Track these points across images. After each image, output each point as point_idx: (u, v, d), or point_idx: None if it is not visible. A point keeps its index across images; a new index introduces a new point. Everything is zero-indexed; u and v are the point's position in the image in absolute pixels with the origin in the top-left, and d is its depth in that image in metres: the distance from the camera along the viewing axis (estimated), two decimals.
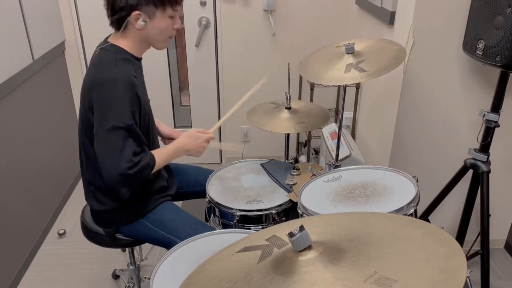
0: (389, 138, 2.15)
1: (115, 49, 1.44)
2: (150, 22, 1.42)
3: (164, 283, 1.22)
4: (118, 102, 1.36)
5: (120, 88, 1.36)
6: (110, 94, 1.36)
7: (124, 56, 1.44)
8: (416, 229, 0.81)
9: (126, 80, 1.38)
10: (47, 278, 2.29)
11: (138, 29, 1.42)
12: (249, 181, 1.76)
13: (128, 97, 1.37)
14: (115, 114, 1.35)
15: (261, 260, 0.81)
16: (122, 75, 1.38)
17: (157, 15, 1.42)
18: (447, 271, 0.66)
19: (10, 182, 2.21)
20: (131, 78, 1.39)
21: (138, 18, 1.40)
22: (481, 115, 1.77)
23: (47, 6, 2.61)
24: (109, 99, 1.36)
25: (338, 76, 1.60)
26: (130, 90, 1.38)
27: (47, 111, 2.64)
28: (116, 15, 1.41)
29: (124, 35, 1.45)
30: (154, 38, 1.47)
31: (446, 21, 1.86)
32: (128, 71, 1.40)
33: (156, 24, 1.43)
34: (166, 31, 1.47)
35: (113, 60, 1.40)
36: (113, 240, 1.63)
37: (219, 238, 1.40)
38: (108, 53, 1.43)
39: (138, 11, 1.39)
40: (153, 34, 1.45)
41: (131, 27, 1.43)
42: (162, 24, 1.44)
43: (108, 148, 1.36)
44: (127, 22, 1.41)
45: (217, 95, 3.15)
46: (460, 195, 2.06)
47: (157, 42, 1.49)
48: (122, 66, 1.40)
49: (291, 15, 2.94)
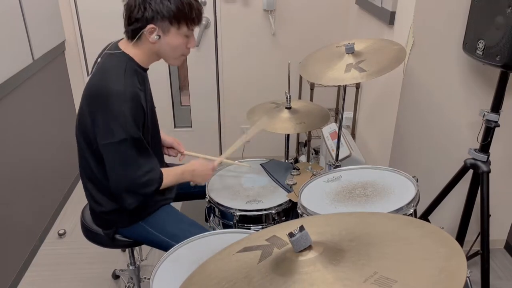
0: (389, 138, 2.15)
1: (125, 57, 1.43)
2: (163, 37, 1.42)
3: (164, 283, 1.22)
4: (126, 116, 1.36)
5: (127, 102, 1.36)
6: (117, 107, 1.36)
7: (133, 66, 1.44)
8: (416, 229, 0.80)
9: (133, 94, 1.38)
10: (47, 278, 2.29)
11: (151, 42, 1.42)
12: (249, 181, 1.76)
13: (134, 110, 1.38)
14: (123, 127, 1.36)
15: (261, 260, 0.81)
16: (130, 88, 1.38)
17: (172, 32, 1.42)
18: (447, 271, 0.66)
19: (10, 182, 2.21)
20: (136, 91, 1.40)
21: (152, 32, 1.40)
22: (481, 115, 1.77)
23: (47, 6, 2.61)
24: (117, 112, 1.36)
25: (338, 76, 1.60)
26: (136, 103, 1.39)
27: (47, 111, 2.64)
28: (131, 25, 1.41)
29: (136, 45, 1.45)
30: (166, 53, 1.47)
31: (446, 21, 1.86)
32: (135, 83, 1.41)
33: (169, 40, 1.43)
34: (179, 49, 1.47)
35: (122, 69, 1.40)
36: (112, 241, 1.63)
37: (219, 238, 1.40)
38: (118, 61, 1.42)
39: (153, 25, 1.39)
40: (165, 50, 1.45)
41: (144, 39, 1.43)
42: (176, 42, 1.44)
43: (118, 160, 1.39)
44: (141, 34, 1.41)
45: (217, 95, 3.14)
46: (460, 195, 2.06)
47: (169, 58, 1.49)
48: (130, 78, 1.40)
49: (291, 15, 2.93)
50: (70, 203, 2.90)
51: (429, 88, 1.99)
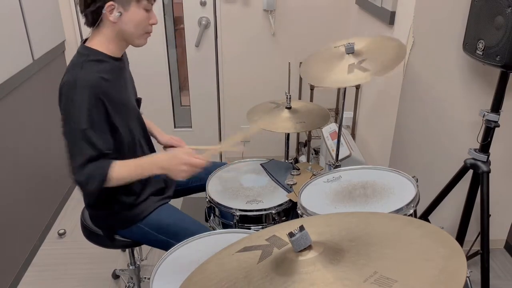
0: (389, 138, 2.15)
1: (87, 51, 1.41)
2: (125, 14, 1.38)
3: (164, 283, 1.22)
4: (75, 105, 1.33)
5: (77, 91, 1.33)
6: (68, 97, 1.34)
7: (96, 57, 1.40)
8: (416, 229, 0.80)
9: (87, 82, 1.34)
10: (47, 278, 2.29)
11: (112, 21, 1.38)
12: (249, 181, 1.76)
13: (87, 99, 1.34)
14: (72, 117, 1.34)
15: (261, 260, 0.81)
16: (83, 77, 1.34)
17: (132, 6, 1.38)
18: (447, 271, 0.66)
19: (10, 182, 2.21)
20: (93, 79, 1.36)
21: (112, 10, 1.36)
22: (481, 115, 1.77)
23: (47, 6, 2.61)
24: (67, 102, 1.34)
25: (342, 77, 1.59)
26: (90, 92, 1.34)
27: (47, 111, 2.64)
28: (89, 7, 1.36)
29: (99, 32, 1.41)
30: (129, 32, 1.42)
31: (446, 21, 1.86)
32: (92, 72, 1.37)
33: (131, 16, 1.39)
34: (142, 25, 1.42)
35: (79, 62, 1.38)
36: (112, 241, 1.63)
37: (219, 238, 1.40)
38: (78, 56, 1.41)
39: (112, 1, 1.35)
40: (128, 28, 1.40)
41: (106, 21, 1.39)
42: (137, 17, 1.40)
43: (67, 151, 1.38)
44: (102, 16, 1.37)
45: (217, 95, 3.14)
46: (460, 195, 2.06)
47: (134, 37, 1.44)
48: (88, 68, 1.37)
49: (291, 15, 2.93)
50: (70, 203, 2.90)
51: (429, 88, 1.99)
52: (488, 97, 1.97)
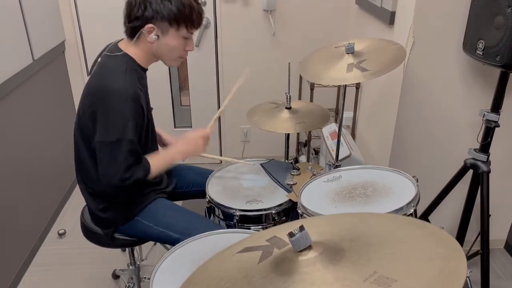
0: (389, 138, 2.15)
1: (126, 58, 1.44)
2: (162, 38, 1.42)
3: (164, 283, 1.22)
4: (124, 115, 1.36)
5: (127, 101, 1.37)
6: (117, 106, 1.36)
7: (133, 66, 1.44)
8: (416, 229, 0.81)
9: (134, 93, 1.38)
10: (47, 278, 2.29)
11: (149, 41, 1.43)
12: (249, 181, 1.76)
13: (134, 110, 1.38)
14: (120, 127, 1.36)
15: (262, 260, 0.81)
16: (131, 88, 1.38)
17: (170, 33, 1.42)
18: (447, 271, 0.66)
19: (10, 182, 2.21)
20: (137, 90, 1.40)
21: (151, 32, 1.41)
22: (481, 115, 1.77)
23: (47, 6, 2.61)
24: (116, 111, 1.36)
25: (340, 75, 1.60)
26: (136, 103, 1.39)
27: (47, 111, 2.64)
28: (131, 23, 1.41)
29: (136, 45, 1.45)
30: (163, 54, 1.47)
31: (446, 21, 1.86)
32: (135, 82, 1.41)
33: (167, 41, 1.43)
34: (176, 51, 1.47)
35: (123, 69, 1.40)
36: (112, 240, 1.63)
37: (219, 238, 1.40)
38: (119, 61, 1.43)
39: (152, 24, 1.39)
40: (163, 50, 1.45)
41: (143, 38, 1.43)
42: (174, 43, 1.44)
43: (110, 159, 1.38)
44: (140, 33, 1.42)
45: (217, 95, 3.15)
46: (460, 195, 2.06)
47: (166, 59, 1.49)
48: (130, 77, 1.40)
49: (291, 15, 2.94)
50: (70, 203, 2.90)
51: (429, 88, 1.99)
52: (488, 97, 1.97)
